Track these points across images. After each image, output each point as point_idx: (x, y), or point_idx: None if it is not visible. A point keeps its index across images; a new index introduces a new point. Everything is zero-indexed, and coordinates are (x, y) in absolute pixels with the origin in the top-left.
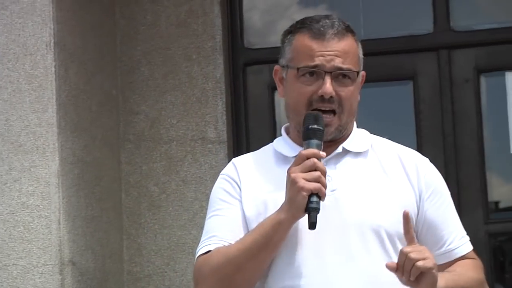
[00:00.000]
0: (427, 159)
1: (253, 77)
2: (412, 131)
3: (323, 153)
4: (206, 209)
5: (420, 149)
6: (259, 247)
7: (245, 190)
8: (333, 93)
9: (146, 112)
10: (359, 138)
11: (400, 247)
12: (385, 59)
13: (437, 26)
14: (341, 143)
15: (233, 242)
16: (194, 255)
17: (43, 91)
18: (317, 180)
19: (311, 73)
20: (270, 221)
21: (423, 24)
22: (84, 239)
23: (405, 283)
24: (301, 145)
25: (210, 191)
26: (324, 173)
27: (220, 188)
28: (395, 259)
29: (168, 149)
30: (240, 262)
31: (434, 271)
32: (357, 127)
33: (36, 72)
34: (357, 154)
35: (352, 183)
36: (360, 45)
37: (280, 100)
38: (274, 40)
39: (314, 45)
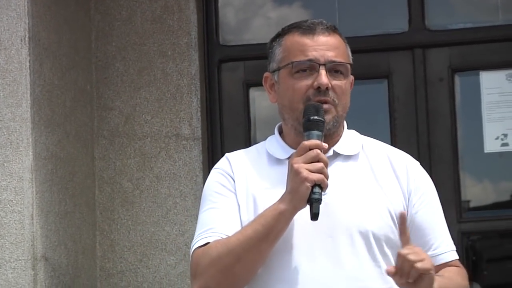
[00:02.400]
0: (417, 163)
1: (228, 73)
2: (386, 130)
3: (325, 145)
4: (179, 205)
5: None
6: (260, 238)
7: (238, 185)
8: (329, 85)
9: (121, 108)
10: (349, 140)
11: (387, 251)
12: (360, 57)
13: (412, 25)
14: (332, 145)
15: (230, 235)
16: (167, 251)
17: (17, 86)
18: (320, 171)
19: (304, 69)
20: (271, 212)
21: (398, 23)
22: (57, 234)
23: (403, 286)
24: (295, 147)
25: (184, 187)
26: (326, 165)
27: (215, 182)
28: (382, 264)
29: (142, 145)
30: (240, 252)
31: (432, 271)
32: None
33: (10, 66)
34: (348, 157)
35: (342, 187)
36: (348, 46)
37: (254, 97)
38: (250, 37)
39: (306, 40)
